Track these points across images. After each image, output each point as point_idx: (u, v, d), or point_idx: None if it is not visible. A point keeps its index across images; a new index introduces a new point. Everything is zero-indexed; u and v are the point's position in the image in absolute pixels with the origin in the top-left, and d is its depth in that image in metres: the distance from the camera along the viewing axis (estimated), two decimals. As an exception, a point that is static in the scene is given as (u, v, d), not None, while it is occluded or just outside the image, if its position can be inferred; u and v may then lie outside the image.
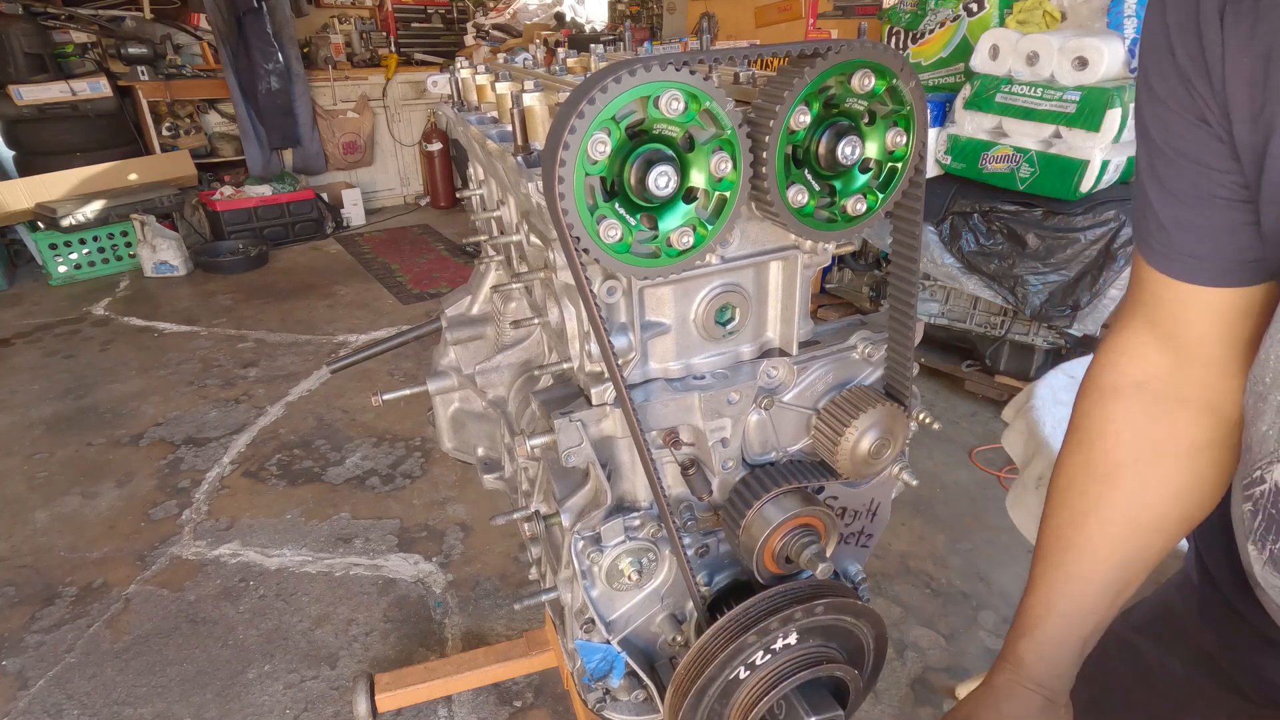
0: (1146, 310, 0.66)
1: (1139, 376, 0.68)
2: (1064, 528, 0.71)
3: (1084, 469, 0.70)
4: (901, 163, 0.68)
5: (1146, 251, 0.63)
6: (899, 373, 0.79)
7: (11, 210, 4.48)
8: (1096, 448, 0.69)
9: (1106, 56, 2.37)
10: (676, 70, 0.55)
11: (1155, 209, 0.60)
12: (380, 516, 2.47)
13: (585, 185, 0.58)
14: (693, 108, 0.58)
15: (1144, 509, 0.68)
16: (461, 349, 1.26)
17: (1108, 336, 0.71)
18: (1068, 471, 0.72)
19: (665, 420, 0.73)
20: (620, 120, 0.56)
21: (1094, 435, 0.70)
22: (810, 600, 0.71)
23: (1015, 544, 2.28)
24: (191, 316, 4.13)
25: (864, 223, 0.69)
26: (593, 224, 0.59)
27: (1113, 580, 0.69)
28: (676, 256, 0.64)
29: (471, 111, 1.11)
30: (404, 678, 1.67)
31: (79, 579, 2.21)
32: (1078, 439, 0.72)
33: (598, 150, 0.56)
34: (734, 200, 0.63)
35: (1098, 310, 2.66)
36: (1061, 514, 0.72)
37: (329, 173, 6.01)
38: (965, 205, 2.77)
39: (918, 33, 3.10)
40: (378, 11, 6.40)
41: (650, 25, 6.05)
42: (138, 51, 4.92)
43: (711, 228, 0.63)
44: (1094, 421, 0.70)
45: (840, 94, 0.62)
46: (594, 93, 0.53)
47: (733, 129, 0.58)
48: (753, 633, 0.69)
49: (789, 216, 0.65)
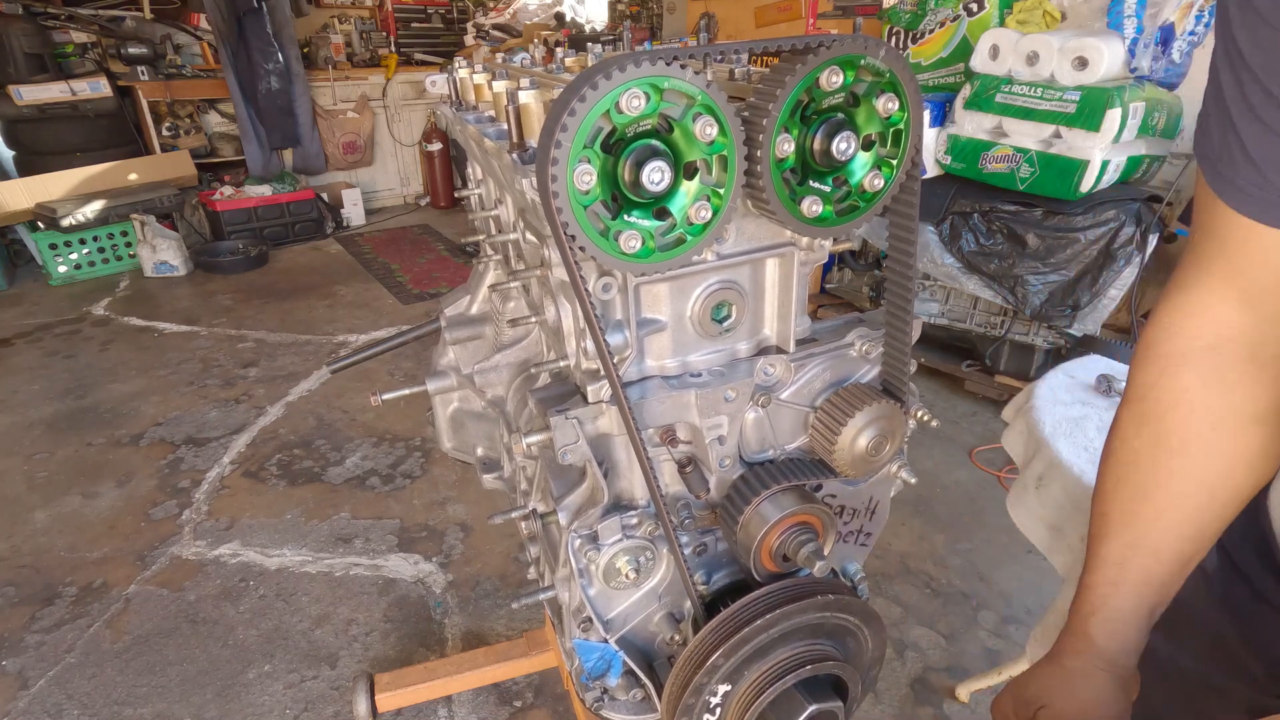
0: (1225, 263, 0.60)
1: (1210, 340, 0.62)
2: (1131, 502, 0.68)
3: (1152, 443, 0.66)
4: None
5: (1232, 194, 0.56)
6: (897, 370, 0.79)
7: (11, 210, 4.48)
8: (1167, 420, 0.65)
9: (1106, 56, 2.37)
10: (666, 65, 0.55)
11: (1246, 145, 0.53)
12: (380, 516, 2.47)
13: (588, 214, 0.58)
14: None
15: (1219, 479, 0.64)
16: (460, 349, 1.26)
17: (1170, 297, 0.65)
18: (1132, 446, 0.68)
19: (662, 418, 0.73)
20: (592, 144, 0.57)
21: (1163, 408, 0.65)
22: (806, 598, 0.71)
23: (1015, 544, 2.27)
24: (191, 316, 4.13)
25: (886, 195, 0.68)
26: (611, 243, 0.60)
27: (1184, 550, 0.67)
28: (702, 232, 0.63)
29: (469, 111, 1.11)
30: (404, 678, 1.67)
31: (79, 579, 2.21)
32: (1142, 411, 0.67)
33: (584, 181, 0.57)
34: (734, 156, 0.61)
35: (1098, 310, 2.66)
36: (1126, 489, 0.68)
37: (329, 173, 6.01)
38: (965, 205, 2.77)
39: (918, 33, 3.09)
40: (378, 11, 6.41)
41: (650, 25, 6.05)
42: (138, 51, 4.93)
43: (724, 191, 0.63)
44: (1163, 393, 0.65)
45: (816, 96, 0.62)
46: (584, 89, 0.53)
47: (703, 93, 0.57)
48: (748, 631, 0.69)
49: (785, 213, 0.64)
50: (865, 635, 0.79)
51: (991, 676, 1.75)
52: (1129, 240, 2.55)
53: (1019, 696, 0.72)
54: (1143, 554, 0.67)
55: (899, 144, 0.66)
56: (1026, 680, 0.73)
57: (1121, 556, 0.68)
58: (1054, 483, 1.26)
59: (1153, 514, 0.67)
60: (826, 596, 0.72)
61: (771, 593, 0.73)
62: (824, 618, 0.74)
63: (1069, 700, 0.68)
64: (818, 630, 0.75)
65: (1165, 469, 0.66)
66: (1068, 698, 0.69)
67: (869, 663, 0.82)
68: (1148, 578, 0.67)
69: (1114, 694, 0.68)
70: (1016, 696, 0.72)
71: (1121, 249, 2.55)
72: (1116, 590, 0.68)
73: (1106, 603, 0.69)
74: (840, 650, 0.77)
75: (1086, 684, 0.69)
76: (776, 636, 0.72)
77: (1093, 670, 0.69)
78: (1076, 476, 1.19)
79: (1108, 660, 0.69)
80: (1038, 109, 2.51)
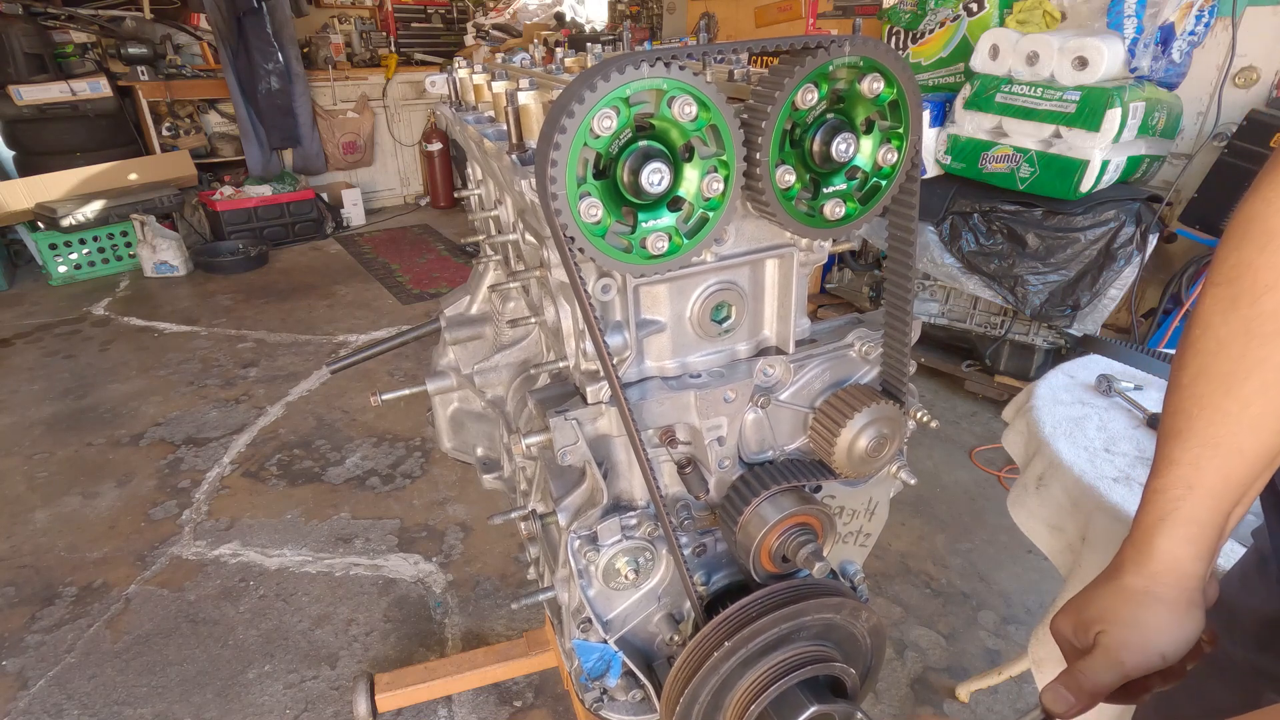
0: None
1: None
2: (1213, 396, 0.63)
3: (1242, 330, 0.61)
4: (886, 181, 0.68)
5: None
6: (896, 371, 0.79)
7: (11, 210, 4.48)
8: (1263, 303, 0.60)
9: (1106, 56, 2.37)
10: (665, 67, 0.55)
11: None
12: (380, 516, 2.47)
13: (580, 158, 0.57)
14: (702, 117, 0.58)
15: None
16: (460, 349, 1.26)
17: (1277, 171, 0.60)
18: (1217, 334, 0.62)
19: (661, 419, 0.73)
20: (633, 105, 0.56)
21: (1260, 289, 0.60)
22: (805, 600, 0.71)
23: (1015, 544, 2.27)
24: (191, 316, 4.13)
25: (841, 229, 0.68)
26: (575, 197, 0.58)
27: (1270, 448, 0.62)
28: (646, 259, 0.63)
29: (469, 111, 1.11)
30: (404, 678, 1.67)
31: (79, 579, 2.21)
32: (1233, 295, 0.62)
33: (603, 125, 0.55)
34: (714, 223, 0.62)
35: (1098, 310, 2.66)
36: (1208, 382, 0.63)
37: (329, 173, 6.01)
38: (965, 205, 2.77)
39: (918, 33, 3.09)
40: (378, 11, 6.41)
41: (650, 25, 6.05)
42: (138, 51, 4.93)
43: (688, 242, 0.63)
44: (1260, 273, 0.60)
45: (848, 92, 0.62)
46: (582, 91, 0.53)
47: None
48: (747, 631, 0.69)
49: (784, 214, 0.64)
50: (866, 637, 0.79)
51: (991, 676, 1.75)
52: (1129, 240, 2.55)
53: (1079, 619, 0.67)
54: (1223, 452, 0.62)
55: (899, 115, 0.66)
56: (1087, 599, 0.68)
57: (1197, 456, 0.63)
58: (1054, 483, 1.26)
59: (1237, 408, 0.62)
60: (828, 599, 0.72)
61: (773, 594, 0.72)
62: (829, 619, 0.74)
63: (1131, 626, 0.64)
64: (820, 631, 0.75)
65: (1255, 357, 0.61)
66: (1130, 622, 0.64)
67: (870, 664, 0.82)
68: (1227, 478, 0.63)
69: (1179, 618, 0.64)
70: (1076, 618, 0.68)
71: (1121, 249, 2.55)
72: (1191, 493, 0.63)
73: (1179, 507, 0.64)
74: (840, 652, 0.77)
75: (1149, 606, 0.64)
76: (777, 638, 0.72)
77: (1157, 589, 0.64)
78: (1076, 476, 1.19)
79: (1178, 575, 0.64)
80: (1038, 109, 2.51)
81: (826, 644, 0.76)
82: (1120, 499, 1.11)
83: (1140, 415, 1.34)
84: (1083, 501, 1.17)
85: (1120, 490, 1.13)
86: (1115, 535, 1.09)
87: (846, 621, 0.76)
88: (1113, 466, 1.20)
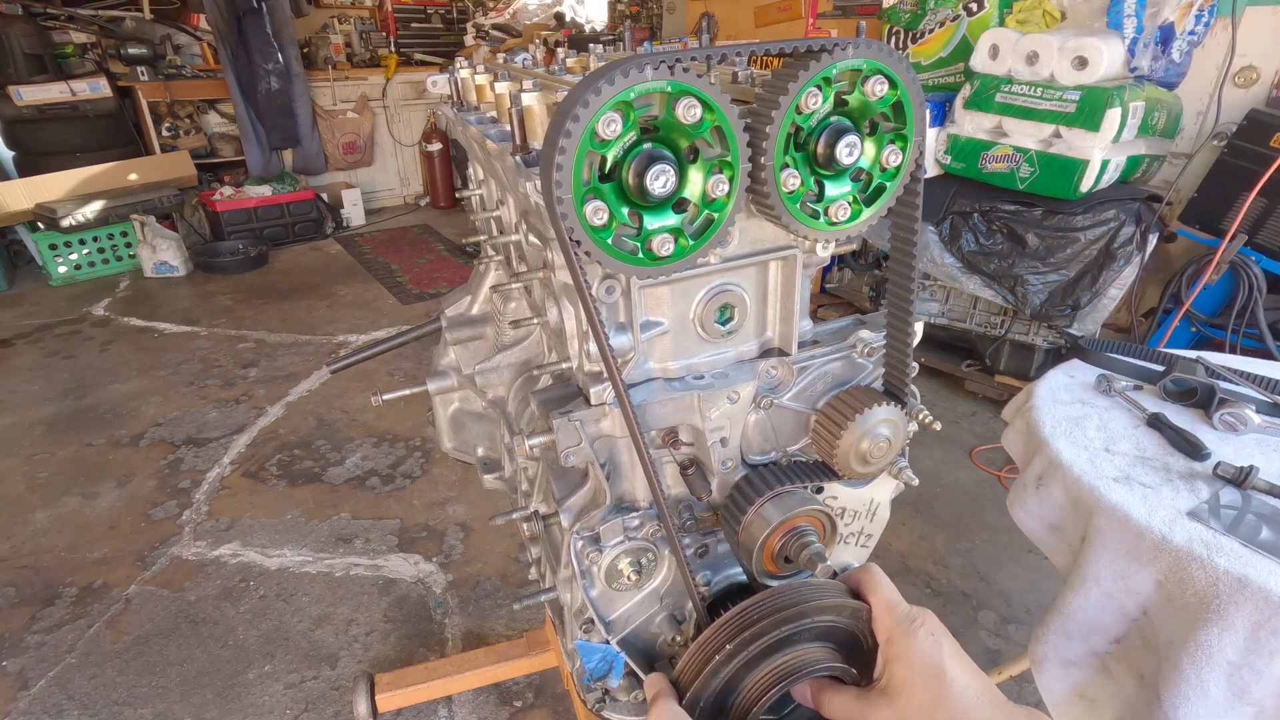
0: None
1: None
2: None
3: None
4: (890, 182, 0.68)
5: None
6: (898, 372, 0.79)
7: (11, 210, 4.48)
8: None
9: (1106, 56, 2.37)
10: (670, 70, 0.55)
11: None
12: (380, 516, 2.47)
13: (585, 161, 0.57)
14: (707, 119, 0.58)
15: None
16: (461, 349, 1.26)
17: None
18: None
19: (664, 420, 0.73)
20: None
21: None
22: (806, 602, 0.71)
23: (1015, 544, 2.28)
24: (191, 317, 4.13)
25: (845, 230, 0.68)
26: (581, 200, 0.58)
27: None
28: (652, 262, 0.63)
29: (471, 111, 1.11)
30: (404, 678, 1.67)
31: (79, 579, 2.21)
32: None
33: (609, 129, 0.55)
34: (719, 224, 0.62)
35: (1098, 310, 2.67)
36: None
37: (329, 173, 6.01)
38: (965, 205, 2.77)
39: (917, 32, 3.10)
40: (377, 11, 6.41)
41: (650, 25, 6.05)
42: (137, 52, 4.93)
43: (693, 243, 0.63)
44: None
45: (852, 94, 0.62)
46: (587, 94, 0.53)
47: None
48: (749, 633, 0.69)
49: (789, 216, 0.64)
50: (867, 638, 0.79)
51: (991, 676, 1.75)
52: (1129, 240, 2.55)
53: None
54: None
55: (903, 117, 0.66)
56: None
57: None
58: (1054, 482, 1.26)
59: None
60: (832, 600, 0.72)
61: (776, 594, 0.72)
62: (833, 621, 0.74)
63: None
64: (823, 633, 0.75)
65: None
66: None
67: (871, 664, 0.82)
68: None
69: None
70: None
71: (1121, 248, 2.56)
72: None
73: None
74: (843, 653, 0.77)
75: None
76: (780, 639, 0.72)
77: None
78: (1076, 476, 1.19)
79: None
80: (1037, 109, 2.51)
81: (829, 645, 0.76)
82: (1120, 499, 1.11)
83: (1140, 415, 1.34)
84: (1082, 501, 1.17)
85: (1120, 490, 1.13)
86: (1115, 535, 1.09)
87: (848, 623, 0.76)
88: (1113, 466, 1.20)
